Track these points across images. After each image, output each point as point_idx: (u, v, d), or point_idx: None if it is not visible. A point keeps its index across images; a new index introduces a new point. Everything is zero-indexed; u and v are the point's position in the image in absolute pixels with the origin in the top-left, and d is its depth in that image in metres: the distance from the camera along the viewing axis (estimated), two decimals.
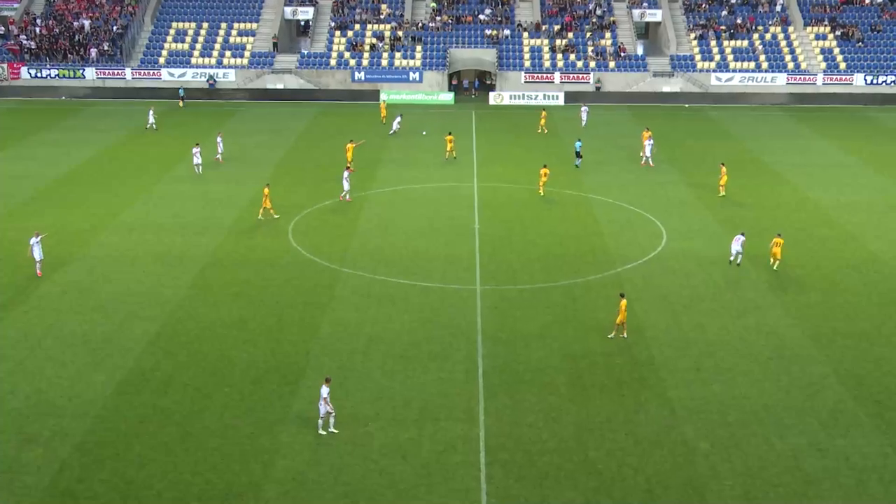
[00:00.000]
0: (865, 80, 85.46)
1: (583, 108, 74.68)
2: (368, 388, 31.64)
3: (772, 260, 42.73)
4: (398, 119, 71.46)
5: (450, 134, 64.57)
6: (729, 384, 32.34)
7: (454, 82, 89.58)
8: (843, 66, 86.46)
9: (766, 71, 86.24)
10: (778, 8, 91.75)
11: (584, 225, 49.19)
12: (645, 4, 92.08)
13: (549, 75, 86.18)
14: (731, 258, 43.56)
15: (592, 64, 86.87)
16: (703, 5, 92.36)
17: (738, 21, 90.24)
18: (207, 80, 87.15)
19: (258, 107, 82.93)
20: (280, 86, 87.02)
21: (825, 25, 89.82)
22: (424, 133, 70.17)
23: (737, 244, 43.32)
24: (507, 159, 62.89)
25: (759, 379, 32.71)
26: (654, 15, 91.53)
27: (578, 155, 60.69)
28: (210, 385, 31.70)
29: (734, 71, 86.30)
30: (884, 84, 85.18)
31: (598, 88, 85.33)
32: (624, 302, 35.48)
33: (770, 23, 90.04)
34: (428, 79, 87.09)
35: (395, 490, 26.28)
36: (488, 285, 40.74)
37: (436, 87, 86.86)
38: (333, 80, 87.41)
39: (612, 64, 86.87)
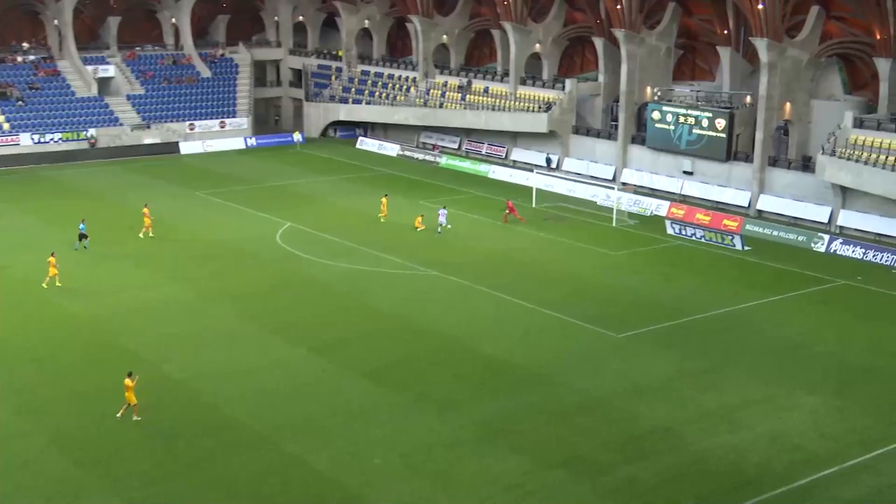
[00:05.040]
0: (33, 139, 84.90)
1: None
2: None
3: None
4: None
5: (385, 196, 62.86)
6: None
7: None
8: (6, 126, 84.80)
9: None
10: None
11: None
12: None
13: None
14: (439, 230, 56.55)
15: None
16: None
17: None
18: None
19: None
20: None
21: None
22: None
23: (442, 217, 56.55)
24: None
25: None
26: None
27: (82, 237, 54.93)
28: None
29: None
30: (52, 142, 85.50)
31: None
32: (128, 381, 32.98)
33: None
34: None
35: None
36: None
37: None
38: None
39: None
